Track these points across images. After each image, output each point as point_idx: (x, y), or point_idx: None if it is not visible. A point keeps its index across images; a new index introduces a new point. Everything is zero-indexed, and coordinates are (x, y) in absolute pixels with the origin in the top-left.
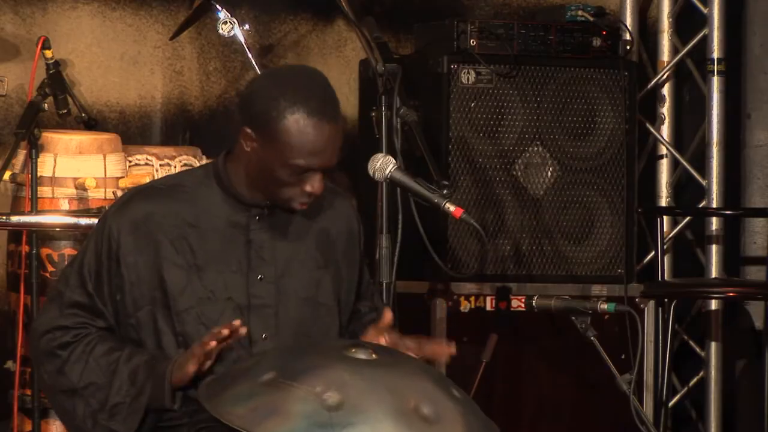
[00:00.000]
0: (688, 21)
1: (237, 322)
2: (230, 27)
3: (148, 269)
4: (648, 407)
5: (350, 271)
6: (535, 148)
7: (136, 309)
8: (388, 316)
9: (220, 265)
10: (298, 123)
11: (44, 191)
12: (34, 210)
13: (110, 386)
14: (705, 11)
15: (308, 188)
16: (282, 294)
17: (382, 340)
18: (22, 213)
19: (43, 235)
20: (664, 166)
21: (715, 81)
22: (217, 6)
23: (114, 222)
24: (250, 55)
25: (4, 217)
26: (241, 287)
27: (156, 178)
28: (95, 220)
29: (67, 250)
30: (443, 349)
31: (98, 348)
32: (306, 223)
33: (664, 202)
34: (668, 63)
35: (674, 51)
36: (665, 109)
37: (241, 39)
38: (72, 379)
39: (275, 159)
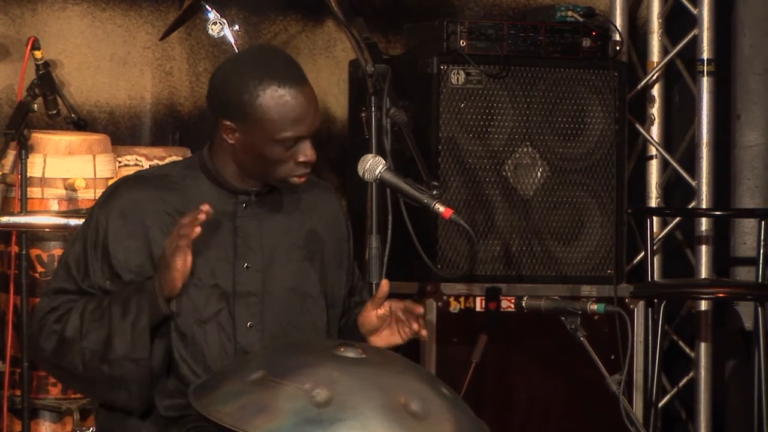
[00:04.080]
0: (678, 22)
1: (204, 207)
2: (220, 28)
3: (137, 254)
4: (638, 407)
5: (338, 267)
6: (525, 149)
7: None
8: (384, 287)
9: (207, 252)
10: (273, 97)
11: (34, 192)
12: (24, 210)
13: (110, 325)
14: (695, 12)
15: (301, 158)
16: (267, 283)
17: (377, 314)
18: (12, 213)
19: (32, 236)
20: (654, 166)
21: (705, 82)
22: (207, 7)
23: (102, 211)
24: None
25: None
26: (227, 275)
27: None
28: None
29: (57, 250)
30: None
31: (89, 305)
32: (294, 213)
33: (653, 202)
34: (658, 64)
35: (664, 52)
36: (655, 110)
37: (231, 40)
38: (74, 337)
39: (263, 140)
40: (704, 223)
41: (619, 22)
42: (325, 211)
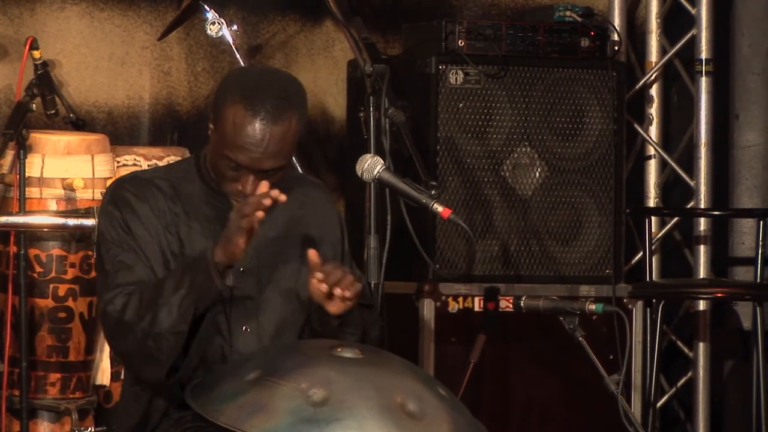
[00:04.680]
0: (677, 21)
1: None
2: (218, 27)
3: (153, 244)
4: (636, 408)
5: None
6: (524, 149)
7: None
8: (312, 257)
9: None
10: (234, 114)
11: (32, 192)
12: (22, 210)
13: (158, 299)
14: (693, 12)
15: (240, 187)
16: (263, 286)
17: (318, 280)
18: (10, 213)
19: (31, 236)
20: (652, 166)
21: (704, 81)
22: (206, 6)
23: (113, 207)
24: (238, 56)
25: None
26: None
27: None
28: (83, 221)
29: (55, 250)
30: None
31: (146, 290)
32: (288, 215)
33: (652, 202)
34: (656, 63)
35: (662, 51)
36: (653, 110)
37: (230, 39)
38: (134, 321)
39: (216, 147)
40: (702, 223)
41: (617, 22)
42: (317, 210)
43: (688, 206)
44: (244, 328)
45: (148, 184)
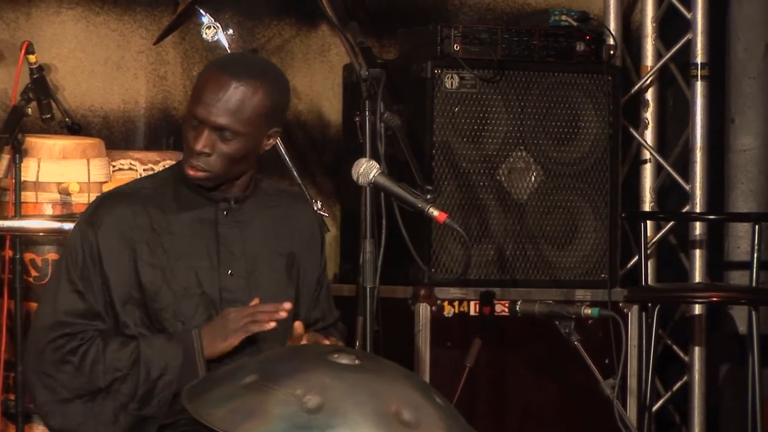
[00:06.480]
0: (672, 26)
1: (287, 305)
2: (214, 32)
3: (126, 269)
4: (632, 412)
5: (309, 275)
6: (519, 153)
7: (122, 305)
8: (298, 329)
9: (192, 261)
10: (205, 71)
11: (28, 196)
12: (18, 215)
13: (137, 376)
14: (688, 16)
15: (191, 143)
16: (252, 289)
17: None
18: (6, 218)
19: (26, 240)
20: (648, 170)
21: (699, 86)
22: (201, 11)
23: (89, 227)
24: None
25: None
26: (213, 282)
27: None
28: None
29: (51, 254)
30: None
31: (111, 345)
32: (272, 222)
33: (647, 206)
34: (652, 68)
35: (658, 56)
36: (649, 114)
37: (225, 44)
38: (95, 381)
39: (186, 113)
40: (698, 227)
41: (612, 26)
42: (301, 220)
43: (684, 210)
44: None
45: (130, 199)
